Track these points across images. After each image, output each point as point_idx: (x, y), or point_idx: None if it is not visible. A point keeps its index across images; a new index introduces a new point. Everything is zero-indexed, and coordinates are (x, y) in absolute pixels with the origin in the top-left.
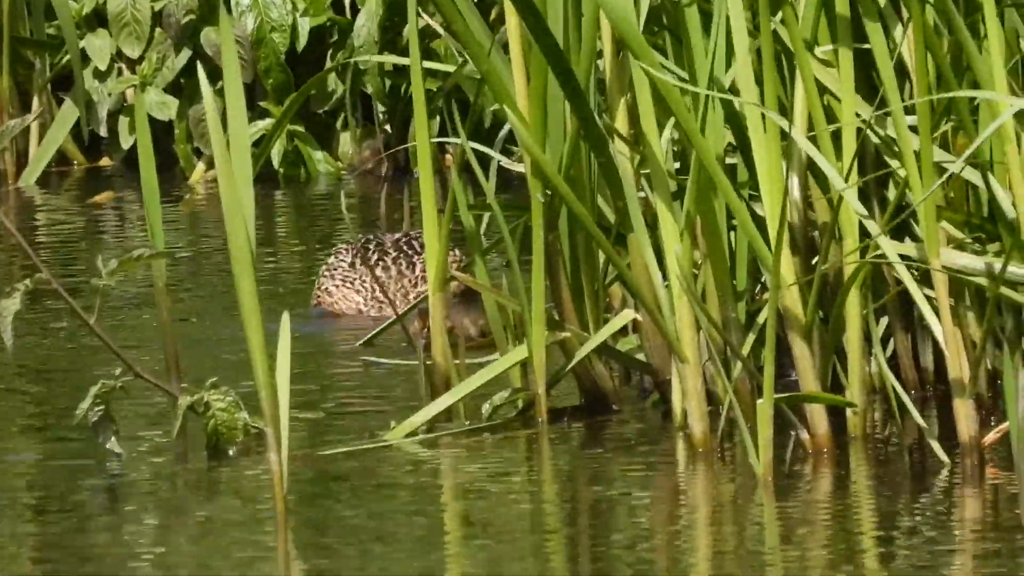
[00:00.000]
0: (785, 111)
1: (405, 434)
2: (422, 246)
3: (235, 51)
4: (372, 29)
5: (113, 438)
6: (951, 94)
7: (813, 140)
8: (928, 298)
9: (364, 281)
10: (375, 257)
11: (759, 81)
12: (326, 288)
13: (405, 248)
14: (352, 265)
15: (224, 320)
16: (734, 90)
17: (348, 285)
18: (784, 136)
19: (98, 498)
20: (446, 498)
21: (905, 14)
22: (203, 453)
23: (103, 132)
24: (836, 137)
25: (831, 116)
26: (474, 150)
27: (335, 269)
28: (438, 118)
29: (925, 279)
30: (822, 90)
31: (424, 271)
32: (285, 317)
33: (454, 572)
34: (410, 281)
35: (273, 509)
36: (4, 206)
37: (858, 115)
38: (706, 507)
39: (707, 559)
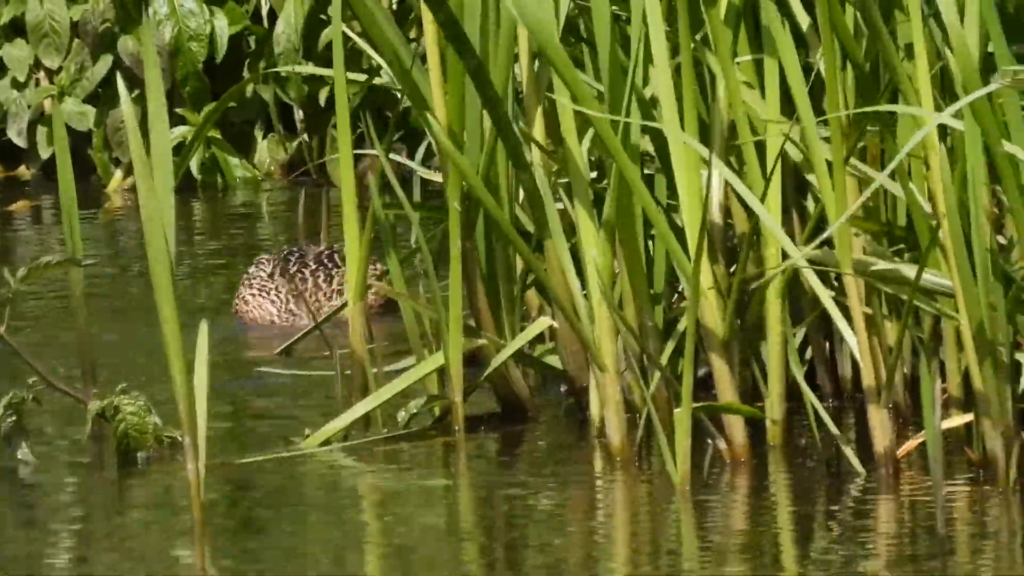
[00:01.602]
0: (704, 122)
1: (321, 442)
2: (343, 259)
3: (156, 60)
4: (292, 36)
5: (25, 447)
6: (871, 108)
7: (735, 148)
8: (846, 307)
9: (279, 292)
10: (294, 268)
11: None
12: (243, 297)
13: (326, 261)
14: (271, 276)
15: (142, 329)
16: (654, 101)
17: (264, 295)
18: (704, 142)
19: (8, 507)
20: (363, 506)
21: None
22: (114, 460)
23: (22, 143)
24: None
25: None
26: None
27: (254, 279)
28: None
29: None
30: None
31: (340, 285)
32: (203, 326)
33: None
34: (325, 294)
35: (190, 518)
36: None
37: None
38: (623, 515)
39: (623, 568)
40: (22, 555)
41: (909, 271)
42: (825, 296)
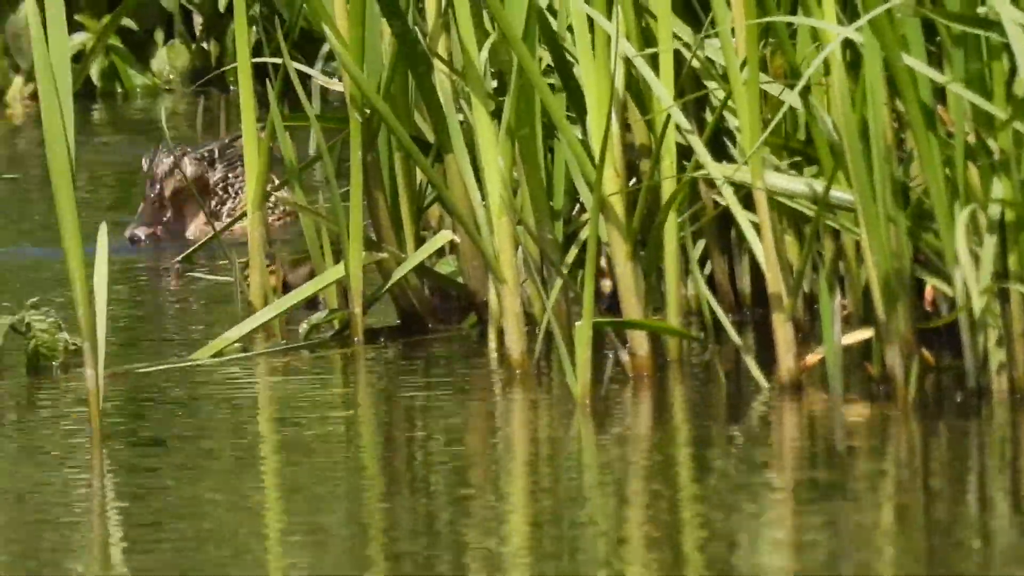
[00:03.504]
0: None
1: (219, 350)
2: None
3: None
4: None
5: None
6: (773, 19)
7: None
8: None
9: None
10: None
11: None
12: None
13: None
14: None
15: (42, 238)
16: (552, 11)
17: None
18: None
19: None
20: (262, 416)
21: None
22: (22, 370)
23: None
24: (653, 60)
25: (651, 36)
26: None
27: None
28: (253, 29)
29: (742, 203)
30: (642, 10)
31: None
32: (103, 231)
33: (270, 490)
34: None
35: (89, 425)
36: None
37: (679, 38)
38: (522, 428)
39: (522, 481)
40: None
41: (810, 186)
42: (737, 207)
